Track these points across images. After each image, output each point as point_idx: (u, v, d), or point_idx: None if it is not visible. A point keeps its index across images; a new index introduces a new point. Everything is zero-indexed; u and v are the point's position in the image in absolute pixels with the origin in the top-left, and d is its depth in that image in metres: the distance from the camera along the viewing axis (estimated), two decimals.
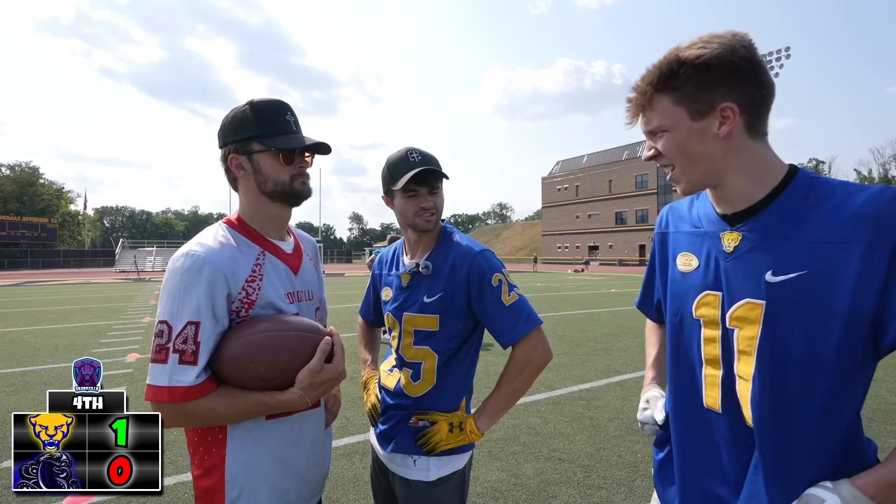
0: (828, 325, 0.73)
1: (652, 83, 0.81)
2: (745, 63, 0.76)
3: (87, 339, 7.44)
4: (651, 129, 0.85)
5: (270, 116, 1.06)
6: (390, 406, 1.36)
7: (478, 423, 1.27)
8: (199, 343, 0.93)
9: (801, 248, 0.76)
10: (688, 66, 0.77)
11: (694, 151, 0.81)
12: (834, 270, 0.72)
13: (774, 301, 0.78)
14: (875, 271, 0.70)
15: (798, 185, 0.80)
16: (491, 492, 2.72)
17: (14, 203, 50.84)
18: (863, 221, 0.71)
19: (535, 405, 4.21)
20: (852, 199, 0.74)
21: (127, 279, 27.02)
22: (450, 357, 1.32)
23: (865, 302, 0.71)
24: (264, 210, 1.11)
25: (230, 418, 0.98)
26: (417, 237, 1.39)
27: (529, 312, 1.27)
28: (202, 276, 0.95)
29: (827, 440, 0.77)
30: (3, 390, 4.63)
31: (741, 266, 0.83)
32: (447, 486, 1.30)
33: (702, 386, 0.90)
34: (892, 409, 3.98)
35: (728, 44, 0.76)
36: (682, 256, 0.96)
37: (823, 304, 0.73)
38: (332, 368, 1.00)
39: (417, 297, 1.35)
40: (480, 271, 1.28)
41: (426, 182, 1.31)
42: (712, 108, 0.78)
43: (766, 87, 0.78)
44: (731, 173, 0.82)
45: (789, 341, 0.77)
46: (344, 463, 3.08)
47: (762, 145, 0.82)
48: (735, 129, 0.79)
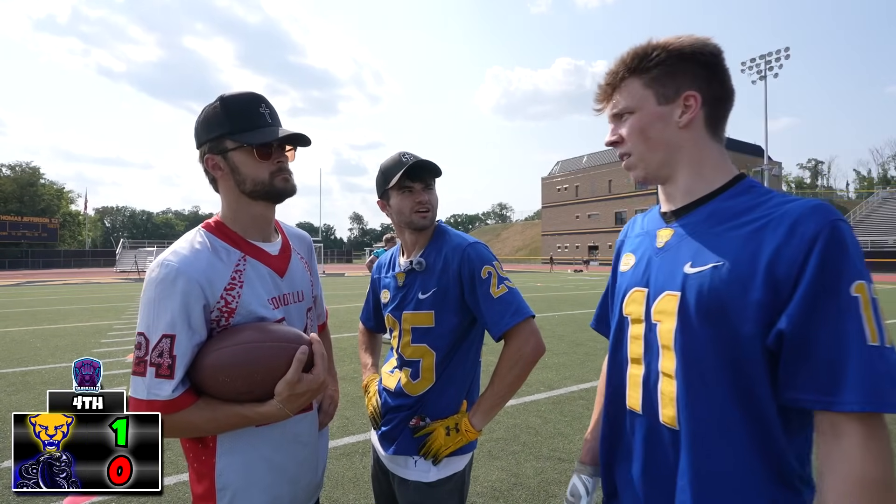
0: (739, 317, 0.72)
1: (626, 63, 0.85)
2: (712, 59, 0.81)
3: (87, 338, 7.45)
4: (618, 110, 0.86)
5: (242, 110, 1.01)
6: (391, 407, 1.36)
7: (472, 421, 1.26)
8: (174, 356, 0.90)
9: (723, 241, 0.77)
10: (660, 49, 0.82)
11: (655, 136, 0.83)
12: (748, 263, 0.72)
13: (688, 291, 0.77)
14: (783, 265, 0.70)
15: (737, 190, 0.82)
16: (491, 491, 2.73)
17: (15, 203, 50.86)
18: (782, 223, 0.72)
19: (535, 405, 4.21)
20: (781, 204, 0.75)
21: (127, 279, 27.02)
22: (448, 354, 1.32)
23: (772, 296, 0.70)
24: (246, 211, 1.06)
25: (211, 430, 0.96)
26: (414, 237, 1.40)
27: (519, 304, 1.26)
28: (176, 288, 0.92)
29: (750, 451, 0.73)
30: (3, 390, 4.64)
31: (667, 259, 0.84)
32: (447, 486, 1.30)
33: (626, 387, 0.89)
34: None
35: (699, 40, 0.82)
36: (625, 257, 0.98)
37: (735, 296, 0.72)
38: (312, 379, 0.96)
39: (413, 294, 1.35)
40: (471, 263, 1.29)
41: (420, 178, 1.32)
42: (677, 95, 0.81)
43: (728, 90, 0.83)
44: (684, 167, 0.84)
45: (702, 334, 0.75)
46: (344, 462, 3.08)
47: (718, 146, 0.85)
48: (696, 121, 0.82)
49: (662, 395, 0.81)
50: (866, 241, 33.88)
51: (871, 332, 0.65)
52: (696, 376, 0.76)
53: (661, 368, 0.82)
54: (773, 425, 0.72)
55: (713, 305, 0.74)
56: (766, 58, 37.21)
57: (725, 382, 0.74)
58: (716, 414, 0.75)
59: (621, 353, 0.91)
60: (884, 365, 0.64)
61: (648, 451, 0.84)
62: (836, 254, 0.67)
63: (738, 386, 0.74)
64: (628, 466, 0.89)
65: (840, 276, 0.67)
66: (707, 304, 0.75)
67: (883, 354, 0.64)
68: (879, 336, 0.65)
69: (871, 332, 0.65)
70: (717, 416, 0.75)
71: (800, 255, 0.68)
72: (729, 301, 0.73)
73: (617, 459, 0.93)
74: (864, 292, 0.66)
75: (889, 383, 0.63)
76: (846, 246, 0.68)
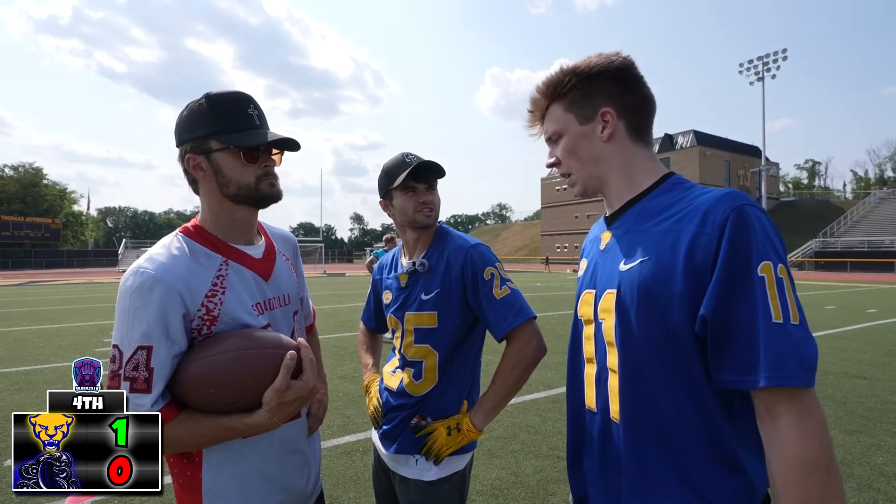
0: (668, 308, 0.74)
1: (544, 93, 0.92)
2: (620, 73, 0.87)
3: (90, 338, 7.47)
4: (549, 136, 0.94)
5: (229, 110, 0.96)
6: (393, 406, 1.36)
7: (474, 421, 1.26)
8: (151, 369, 0.86)
9: (647, 237, 0.81)
10: (570, 75, 0.88)
11: (584, 154, 0.90)
12: (670, 256, 0.75)
13: (622, 287, 0.81)
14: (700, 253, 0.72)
15: (663, 188, 0.86)
16: (490, 490, 2.73)
17: (18, 203, 50.95)
18: (696, 214, 0.74)
19: (535, 404, 4.21)
20: (697, 196, 0.78)
21: None
22: (450, 354, 1.33)
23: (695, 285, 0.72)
24: (228, 215, 1.01)
25: (195, 445, 0.92)
26: (416, 238, 1.40)
27: (521, 305, 1.26)
28: (153, 297, 0.87)
29: (690, 438, 0.75)
30: (6, 389, 4.66)
31: (607, 260, 0.89)
32: (447, 485, 1.30)
33: (584, 387, 0.92)
34: (890, 409, 3.98)
35: (607, 58, 0.87)
36: (581, 263, 1.02)
37: (661, 288, 0.75)
38: (301, 385, 0.91)
39: (416, 295, 1.36)
40: (474, 265, 1.29)
41: (424, 178, 1.33)
42: (595, 113, 0.87)
43: (643, 97, 0.88)
44: (613, 175, 0.90)
45: (637, 327, 0.78)
46: (345, 461, 3.09)
47: (644, 151, 0.90)
48: (617, 133, 0.87)
49: (610, 391, 0.84)
50: (863, 241, 33.74)
51: (774, 310, 0.67)
52: (633, 369, 0.79)
53: (609, 365, 0.85)
54: (713, 411, 0.74)
55: (643, 299, 0.77)
56: (764, 59, 37.13)
57: (662, 373, 0.76)
58: (653, 405, 0.77)
59: (580, 354, 0.94)
60: (786, 340, 0.66)
61: (602, 448, 0.86)
62: (743, 236, 0.70)
63: (674, 376, 0.76)
64: (591, 465, 0.90)
65: (749, 259, 0.69)
66: (637, 298, 0.78)
67: (786, 330, 0.66)
68: (783, 313, 0.67)
69: (774, 310, 0.67)
70: (655, 406, 0.77)
71: (713, 242, 0.71)
72: (656, 293, 0.76)
73: (582, 461, 0.94)
74: (769, 272, 0.68)
75: (791, 358, 0.65)
76: (752, 228, 0.70)
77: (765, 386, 0.66)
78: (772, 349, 0.66)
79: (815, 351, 0.67)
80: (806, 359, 0.66)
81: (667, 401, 0.76)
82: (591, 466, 0.90)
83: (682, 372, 0.75)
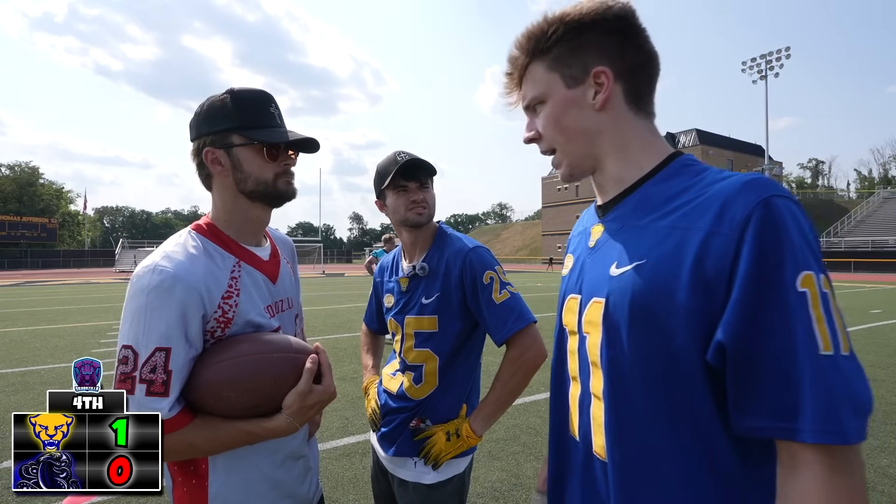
0: (669, 327, 0.59)
1: (524, 48, 0.73)
2: (620, 22, 0.69)
3: (87, 338, 7.44)
4: (528, 102, 0.75)
5: (253, 107, 0.95)
6: (392, 409, 1.36)
7: (473, 427, 1.26)
8: (170, 372, 0.84)
9: (646, 235, 0.65)
10: (557, 24, 0.70)
11: (571, 125, 0.72)
12: (672, 260, 0.60)
13: (612, 298, 0.66)
14: (712, 260, 0.57)
15: (669, 171, 0.69)
16: (491, 492, 2.72)
17: (14, 203, 50.89)
18: (710, 207, 0.59)
19: (535, 405, 4.21)
20: (712, 184, 0.62)
21: (127, 279, 26.97)
22: (450, 359, 1.32)
23: (704, 300, 0.57)
24: (242, 213, 1.00)
25: (211, 451, 0.90)
26: (413, 238, 1.39)
27: (521, 310, 1.26)
28: (173, 296, 0.84)
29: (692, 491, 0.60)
30: (3, 390, 4.63)
31: (596, 261, 0.73)
32: (446, 488, 1.30)
33: (568, 408, 0.77)
34: (892, 410, 4.00)
35: (602, 3, 0.69)
36: (567, 259, 0.86)
37: (660, 301, 0.60)
38: (323, 390, 0.91)
39: (416, 299, 1.35)
40: (473, 268, 1.29)
41: (415, 177, 1.32)
42: (586, 73, 0.70)
43: (646, 54, 0.70)
44: (609, 154, 0.72)
45: (629, 348, 0.63)
46: (344, 463, 3.08)
47: (645, 124, 0.72)
48: (613, 99, 0.70)
49: (593, 420, 0.70)
50: (867, 241, 33.83)
51: (822, 337, 0.52)
52: (624, 399, 0.64)
53: (592, 389, 0.70)
54: (723, 457, 0.59)
55: (636, 313, 0.62)
56: (767, 57, 37.28)
57: (659, 407, 0.61)
58: (648, 445, 0.62)
59: (564, 370, 0.79)
60: (840, 381, 0.51)
61: (585, 486, 0.72)
62: (774, 239, 0.54)
63: (675, 411, 0.60)
64: (572, 499, 0.76)
65: (782, 269, 0.53)
66: (630, 312, 0.63)
67: (837, 366, 0.51)
68: (833, 342, 0.52)
69: (822, 338, 0.51)
70: (650, 447, 0.62)
71: (731, 246, 0.55)
72: (654, 307, 0.60)
73: (564, 492, 0.79)
74: (812, 286, 0.52)
75: (844, 404, 0.50)
76: (786, 227, 0.54)
77: (813, 442, 0.50)
78: (820, 391, 0.50)
79: (870, 392, 0.52)
80: (861, 405, 0.51)
81: (663, 441, 0.61)
82: (573, 499, 0.76)
83: (684, 407, 0.60)
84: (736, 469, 0.59)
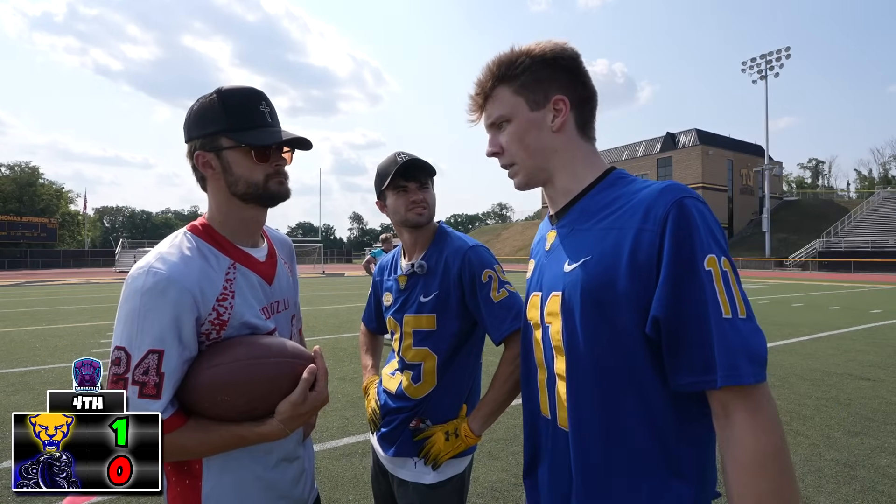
0: (613, 309, 0.72)
1: (493, 73, 0.86)
2: (572, 63, 0.84)
3: (86, 338, 7.44)
4: (493, 120, 0.87)
5: (242, 107, 0.93)
6: (392, 409, 1.36)
7: (472, 426, 1.25)
8: (162, 374, 0.83)
9: (590, 236, 0.79)
10: (524, 56, 0.83)
11: (532, 143, 0.85)
12: (612, 254, 0.73)
13: (567, 290, 0.79)
14: (643, 250, 0.70)
15: (605, 183, 0.83)
16: (491, 492, 2.72)
17: (14, 203, 50.81)
18: (638, 209, 0.73)
19: None
20: (639, 191, 0.76)
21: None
22: (449, 357, 1.32)
23: (640, 284, 0.70)
24: (236, 214, 0.99)
25: (202, 453, 0.90)
26: (413, 238, 1.40)
27: (519, 309, 1.25)
28: (167, 299, 0.84)
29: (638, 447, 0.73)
30: (2, 390, 4.63)
31: (552, 261, 0.86)
32: (446, 488, 1.30)
33: (538, 393, 0.89)
34: (892, 410, 3.99)
35: (558, 45, 0.84)
36: (529, 264, 0.98)
37: (605, 289, 0.73)
38: (316, 396, 0.91)
39: (414, 297, 1.35)
40: (471, 267, 1.29)
41: (415, 177, 1.33)
42: (547, 100, 0.83)
43: (591, 91, 0.86)
44: (559, 169, 0.86)
45: (583, 331, 0.76)
46: (344, 463, 3.08)
47: (588, 146, 0.87)
48: (567, 124, 0.84)
49: (558, 397, 0.82)
50: (867, 241, 33.77)
51: (723, 304, 0.66)
52: (580, 375, 0.77)
53: (556, 370, 0.82)
54: (664, 417, 0.72)
55: (587, 301, 0.75)
56: (767, 57, 37.30)
57: (609, 379, 0.74)
58: (600, 412, 0.75)
59: (531, 360, 0.91)
60: (736, 337, 0.65)
61: (554, 457, 0.84)
62: (686, 230, 0.68)
63: (622, 381, 0.73)
64: (543, 474, 0.88)
65: (693, 253, 0.67)
66: (581, 300, 0.75)
67: (735, 326, 0.65)
68: (731, 307, 0.66)
69: (723, 305, 0.66)
70: (602, 414, 0.75)
71: (656, 239, 0.69)
72: (600, 295, 0.73)
73: (536, 469, 0.92)
74: (714, 266, 0.67)
75: (741, 355, 0.64)
76: (694, 221, 0.69)
77: (722, 386, 0.64)
78: (724, 347, 0.65)
79: (765, 344, 0.66)
80: (756, 354, 0.65)
81: (613, 407, 0.74)
82: (543, 475, 0.88)
83: (629, 376, 0.73)
84: (670, 427, 0.72)
